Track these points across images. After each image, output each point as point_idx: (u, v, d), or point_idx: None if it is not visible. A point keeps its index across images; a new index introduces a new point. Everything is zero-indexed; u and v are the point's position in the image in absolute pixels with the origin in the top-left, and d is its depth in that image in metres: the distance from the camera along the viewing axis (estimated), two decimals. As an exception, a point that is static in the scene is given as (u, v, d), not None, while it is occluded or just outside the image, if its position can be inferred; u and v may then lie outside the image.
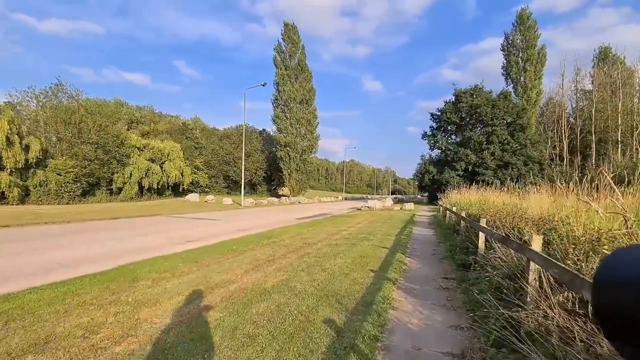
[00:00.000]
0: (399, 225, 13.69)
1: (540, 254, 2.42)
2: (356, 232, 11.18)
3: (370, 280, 4.77)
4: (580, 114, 40.64)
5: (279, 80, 43.97)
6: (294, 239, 9.38)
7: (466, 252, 5.76)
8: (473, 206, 9.67)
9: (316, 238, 9.60)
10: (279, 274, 5.17)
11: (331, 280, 4.78)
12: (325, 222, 15.49)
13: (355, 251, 7.25)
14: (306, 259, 6.38)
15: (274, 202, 34.54)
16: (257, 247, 8.06)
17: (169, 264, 5.98)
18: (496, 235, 3.77)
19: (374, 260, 6.20)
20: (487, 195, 10.61)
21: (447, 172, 36.27)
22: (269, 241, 8.98)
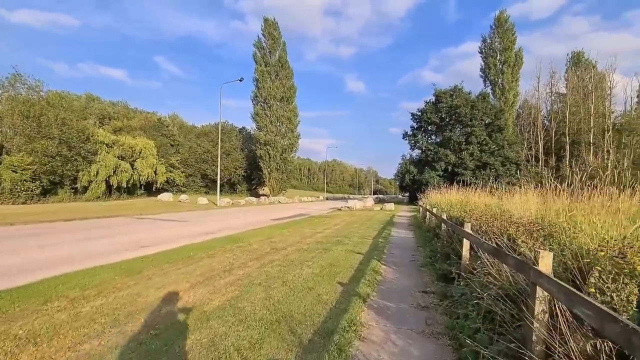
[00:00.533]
0: (378, 227, 13.08)
1: (554, 280, 1.72)
2: (332, 234, 10.45)
3: (336, 297, 4.01)
4: (554, 116, 41.74)
5: (258, 77, 42.74)
6: (262, 243, 8.53)
7: (448, 261, 5.10)
8: (454, 207, 9.13)
9: (287, 242, 8.78)
10: (230, 290, 4.33)
11: (290, 297, 3.98)
12: (301, 223, 14.69)
13: (326, 258, 6.49)
14: (268, 269, 5.55)
15: (252, 202, 33.40)
16: (218, 253, 7.16)
17: (103, 277, 5.01)
18: (486, 246, 3.09)
19: (345, 270, 5.45)
20: (469, 196, 10.13)
21: (427, 172, 36.28)
22: (234, 246, 8.09)
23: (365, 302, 3.88)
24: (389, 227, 12.74)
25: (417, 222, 14.53)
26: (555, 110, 42.88)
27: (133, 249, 7.74)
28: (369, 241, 8.89)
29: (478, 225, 4.42)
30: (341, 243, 8.47)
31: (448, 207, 9.52)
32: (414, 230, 11.92)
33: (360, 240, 9.11)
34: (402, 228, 13.01)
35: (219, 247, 7.83)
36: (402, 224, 14.91)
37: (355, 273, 5.25)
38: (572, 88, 42.03)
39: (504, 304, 2.51)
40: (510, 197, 7.37)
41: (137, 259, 6.54)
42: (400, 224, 14.58)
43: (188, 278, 4.96)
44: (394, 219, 17.05)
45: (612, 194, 4.70)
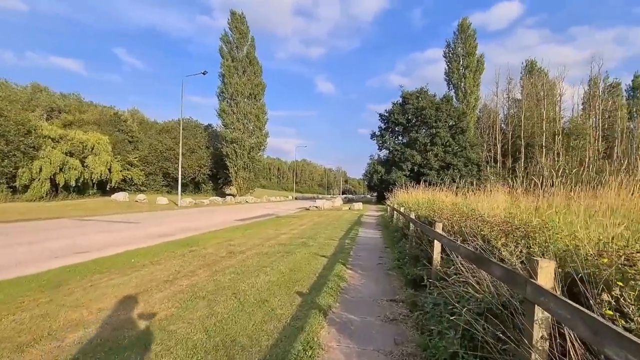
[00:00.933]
0: (345, 226, 12.70)
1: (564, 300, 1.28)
2: (297, 235, 9.87)
3: (293, 311, 3.44)
4: (511, 120, 44.19)
5: (225, 72, 41.07)
6: (219, 247, 7.76)
7: (417, 264, 4.73)
8: (422, 206, 8.93)
9: (247, 245, 8.07)
10: (166, 306, 3.61)
11: (238, 313, 3.35)
12: (266, 224, 13.96)
13: (287, 263, 5.90)
14: (219, 277, 4.86)
15: (217, 202, 31.92)
16: (165, 259, 6.32)
17: (8, 293, 4.06)
18: (462, 250, 2.68)
19: (307, 276, 4.90)
20: (435, 195, 10.02)
21: (394, 172, 36.81)
22: (186, 250, 7.25)
23: (326, 316, 3.35)
24: (356, 227, 12.40)
25: (384, 222, 14.35)
26: (512, 115, 45.44)
27: (64, 255, 6.67)
28: (335, 242, 8.42)
29: (450, 225, 4.07)
30: (306, 245, 7.92)
31: (416, 207, 9.32)
32: (382, 230, 11.67)
33: (326, 241, 8.62)
34: (370, 228, 12.74)
35: (168, 252, 6.96)
36: (370, 223, 14.67)
37: (318, 280, 4.71)
38: (527, 94, 44.82)
39: (486, 322, 2.08)
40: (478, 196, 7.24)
41: (65, 268, 5.55)
42: (368, 224, 14.33)
43: (118, 292, 4.15)
44: (361, 219, 16.82)
45: (577, 192, 4.56)
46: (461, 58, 41.68)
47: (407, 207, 9.61)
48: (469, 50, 41.15)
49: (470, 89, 40.81)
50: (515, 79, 48.15)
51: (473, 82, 41.02)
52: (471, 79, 40.78)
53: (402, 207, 9.11)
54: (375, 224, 14.28)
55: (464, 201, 7.81)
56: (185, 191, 49.60)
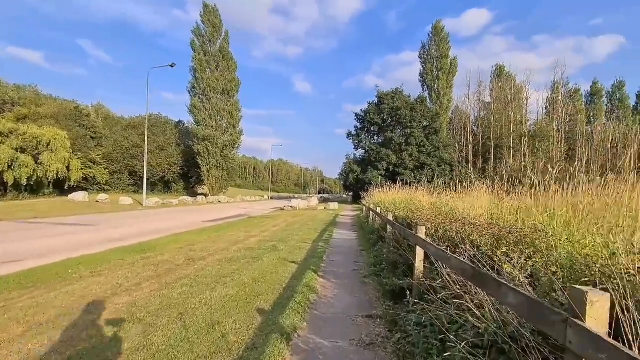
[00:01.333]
0: (320, 228, 12.15)
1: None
2: (267, 238, 9.20)
3: (249, 336, 2.82)
4: (481, 122, 45.62)
5: (196, 66, 39.35)
6: (178, 253, 6.95)
7: (396, 271, 4.24)
8: (399, 206, 8.56)
9: (210, 250, 7.31)
10: (87, 336, 2.87)
11: (179, 344, 2.68)
12: (236, 225, 13.14)
13: (252, 271, 5.25)
14: (167, 292, 4.14)
15: (187, 202, 30.40)
16: (111, 269, 5.47)
17: None
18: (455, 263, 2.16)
19: (272, 288, 4.28)
20: (412, 194, 9.71)
21: (370, 171, 36.81)
22: (138, 257, 6.40)
23: (290, 342, 2.75)
24: (331, 228, 11.89)
25: (360, 222, 13.96)
26: (482, 117, 46.95)
27: (-15, 266, 5.63)
28: (308, 246, 7.84)
29: (433, 229, 3.60)
30: (276, 249, 7.28)
31: (393, 207, 8.94)
32: (357, 231, 11.23)
33: (299, 244, 8.02)
34: (345, 229, 12.28)
35: (116, 261, 6.09)
36: (345, 224, 14.23)
37: (284, 292, 4.11)
38: (496, 97, 46.43)
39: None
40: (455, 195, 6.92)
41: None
42: (343, 224, 13.87)
43: (32, 315, 3.34)
44: (337, 219, 16.36)
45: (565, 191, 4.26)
46: (435, 60, 42.44)
47: (383, 207, 9.22)
48: (442, 52, 41.99)
49: (443, 90, 41.65)
50: (485, 82, 49.84)
51: (446, 84, 41.90)
52: (444, 81, 41.63)
53: (379, 208, 8.70)
54: (351, 225, 13.86)
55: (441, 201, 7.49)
56: (154, 191, 47.18)
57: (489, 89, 50.03)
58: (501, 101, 45.93)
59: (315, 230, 11.30)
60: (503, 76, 50.58)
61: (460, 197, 6.59)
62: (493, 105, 44.75)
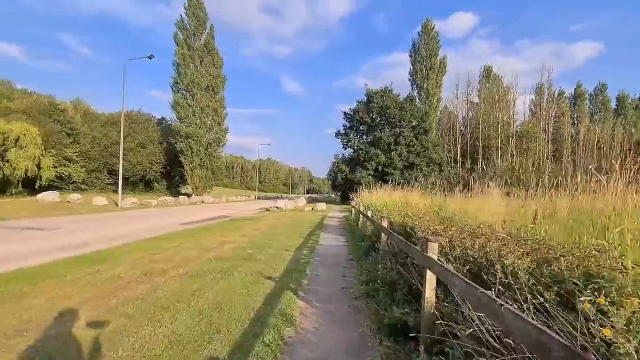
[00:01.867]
0: (305, 231, 11.22)
1: None
2: (245, 244, 8.21)
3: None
4: (470, 122, 45.59)
5: (179, 61, 37.79)
6: (135, 265, 5.90)
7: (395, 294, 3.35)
8: (393, 211, 7.72)
9: (176, 260, 6.28)
10: None
11: None
12: (214, 228, 12.06)
13: (215, 292, 4.27)
14: (92, 332, 3.12)
15: (167, 203, 28.95)
16: (37, 289, 4.39)
17: None
18: (509, 318, 1.25)
19: (236, 319, 3.33)
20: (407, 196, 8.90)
21: (359, 171, 36.09)
22: (84, 272, 5.32)
23: None
24: (317, 232, 10.97)
25: (349, 225, 13.08)
26: (470, 117, 46.95)
27: None
28: (290, 254, 6.90)
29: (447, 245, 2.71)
30: (251, 260, 6.31)
31: (385, 210, 8.09)
32: (346, 236, 10.35)
33: (279, 253, 7.07)
34: (333, 232, 11.37)
35: (54, 278, 5.00)
36: (333, 227, 13.34)
37: (251, 326, 3.16)
38: (484, 98, 46.53)
39: None
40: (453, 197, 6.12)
41: None
42: (331, 227, 12.98)
43: None
44: (324, 221, 15.46)
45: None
46: (425, 59, 42.07)
47: (375, 210, 8.35)
48: (432, 51, 41.65)
49: (433, 89, 41.31)
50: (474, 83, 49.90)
51: (436, 83, 41.58)
52: (434, 80, 41.30)
53: (370, 211, 7.83)
54: (339, 228, 12.97)
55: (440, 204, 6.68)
56: (135, 190, 45.24)
57: (477, 89, 50.24)
58: (489, 102, 46.03)
59: (300, 234, 10.36)
60: (491, 77, 50.81)
61: (462, 200, 5.78)
62: (482, 105, 44.78)
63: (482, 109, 43.38)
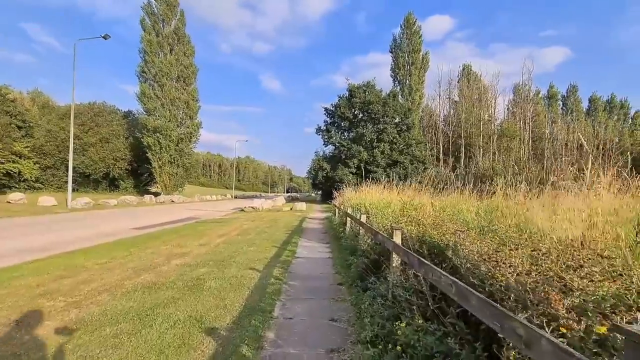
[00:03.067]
0: (281, 237, 9.32)
1: None
2: (200, 260, 6.23)
3: None
4: (452, 120, 45.08)
5: (146, 48, 34.61)
6: (15, 296, 3.81)
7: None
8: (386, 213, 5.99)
9: (82, 291, 4.23)
10: None
11: None
12: (169, 235, 9.91)
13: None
14: None
15: (129, 203, 26.07)
16: None
17: None
18: None
19: None
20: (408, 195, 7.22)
21: (340, 168, 34.47)
22: None
23: None
24: (295, 239, 9.09)
25: (333, 229, 11.27)
26: (453, 115, 46.50)
27: None
28: (255, 277, 4.99)
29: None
30: (198, 288, 4.36)
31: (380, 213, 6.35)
32: (331, 243, 8.54)
33: (241, 274, 5.15)
34: (314, 238, 9.54)
35: None
36: (314, 231, 11.50)
37: None
38: (466, 97, 46.16)
39: None
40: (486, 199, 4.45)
41: None
42: (312, 232, 11.14)
43: None
44: (304, 224, 13.60)
45: None
46: (407, 54, 40.99)
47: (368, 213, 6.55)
48: (414, 46, 40.62)
49: (415, 86, 40.32)
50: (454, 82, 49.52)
51: (418, 80, 40.63)
52: (416, 76, 40.31)
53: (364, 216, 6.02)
54: (321, 232, 11.15)
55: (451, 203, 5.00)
56: (98, 189, 41.48)
57: (457, 88, 49.92)
58: (469, 100, 45.73)
59: (273, 242, 8.45)
60: (471, 75, 50.69)
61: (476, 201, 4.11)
62: (463, 103, 44.31)
63: (464, 105, 42.88)
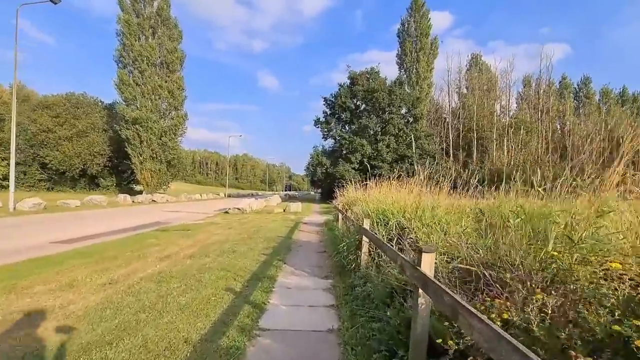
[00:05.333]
0: (253, 263, 5.82)
1: None
2: (83, 325, 2.76)
3: None
4: (461, 112, 41.56)
5: (124, 30, 30.96)
6: None
7: None
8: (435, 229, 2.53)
9: None
10: None
11: None
12: (78, 259, 6.40)
13: None
14: None
15: (97, 204, 22.50)
16: None
17: None
18: None
19: None
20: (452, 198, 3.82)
21: (341, 164, 30.98)
22: None
23: None
24: (273, 269, 5.58)
25: (335, 244, 7.74)
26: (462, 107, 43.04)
27: None
28: None
29: None
30: None
31: (425, 229, 2.95)
32: (332, 279, 5.04)
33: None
34: (305, 265, 6.04)
35: None
36: (308, 248, 8.01)
37: None
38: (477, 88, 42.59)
39: None
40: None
41: None
42: (304, 250, 7.63)
43: None
44: (295, 233, 10.12)
45: None
46: (414, 39, 37.39)
47: (416, 234, 3.08)
48: (422, 30, 37.01)
49: (424, 73, 36.73)
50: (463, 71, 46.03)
51: (427, 67, 37.05)
52: (425, 63, 36.73)
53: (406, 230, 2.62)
54: (318, 251, 7.66)
55: None
56: (76, 187, 37.92)
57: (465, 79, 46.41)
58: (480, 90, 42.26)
59: (235, 275, 4.96)
60: (482, 65, 47.26)
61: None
62: (476, 93, 40.76)
63: (476, 94, 39.29)
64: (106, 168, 37.94)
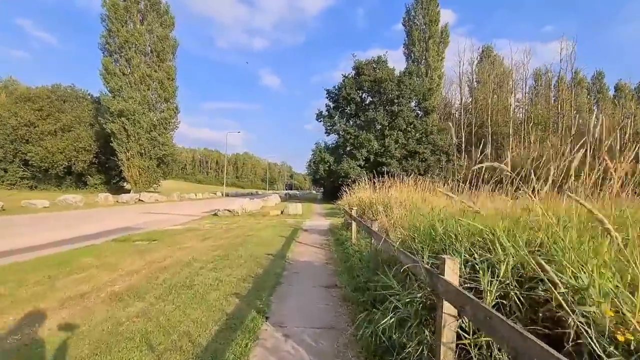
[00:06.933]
0: (222, 303, 3.21)
1: None
2: None
3: None
4: (475, 106, 38.87)
5: (109, 14, 28.36)
6: None
7: None
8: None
9: None
10: None
11: None
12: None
13: None
14: None
15: (71, 204, 19.95)
16: None
17: None
18: None
19: None
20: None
21: (346, 161, 28.30)
22: None
23: None
24: (260, 305, 2.94)
25: (348, 265, 5.08)
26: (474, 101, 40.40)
27: None
28: None
29: None
30: None
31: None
32: (360, 348, 2.45)
33: None
34: (308, 310, 3.44)
35: None
36: (311, 270, 5.38)
37: None
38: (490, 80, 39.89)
39: None
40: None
41: None
42: (305, 275, 5.01)
43: None
44: (292, 246, 7.50)
45: None
46: (423, 27, 34.64)
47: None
48: (432, 17, 34.30)
49: (434, 63, 34.01)
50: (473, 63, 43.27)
51: (437, 56, 34.33)
52: (435, 52, 33.99)
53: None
54: (324, 274, 5.05)
55: None
56: (61, 186, 35.41)
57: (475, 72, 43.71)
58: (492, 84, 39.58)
59: (175, 350, 2.33)
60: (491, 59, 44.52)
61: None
62: (489, 86, 38.04)
63: (490, 87, 36.55)
64: (93, 165, 35.47)
